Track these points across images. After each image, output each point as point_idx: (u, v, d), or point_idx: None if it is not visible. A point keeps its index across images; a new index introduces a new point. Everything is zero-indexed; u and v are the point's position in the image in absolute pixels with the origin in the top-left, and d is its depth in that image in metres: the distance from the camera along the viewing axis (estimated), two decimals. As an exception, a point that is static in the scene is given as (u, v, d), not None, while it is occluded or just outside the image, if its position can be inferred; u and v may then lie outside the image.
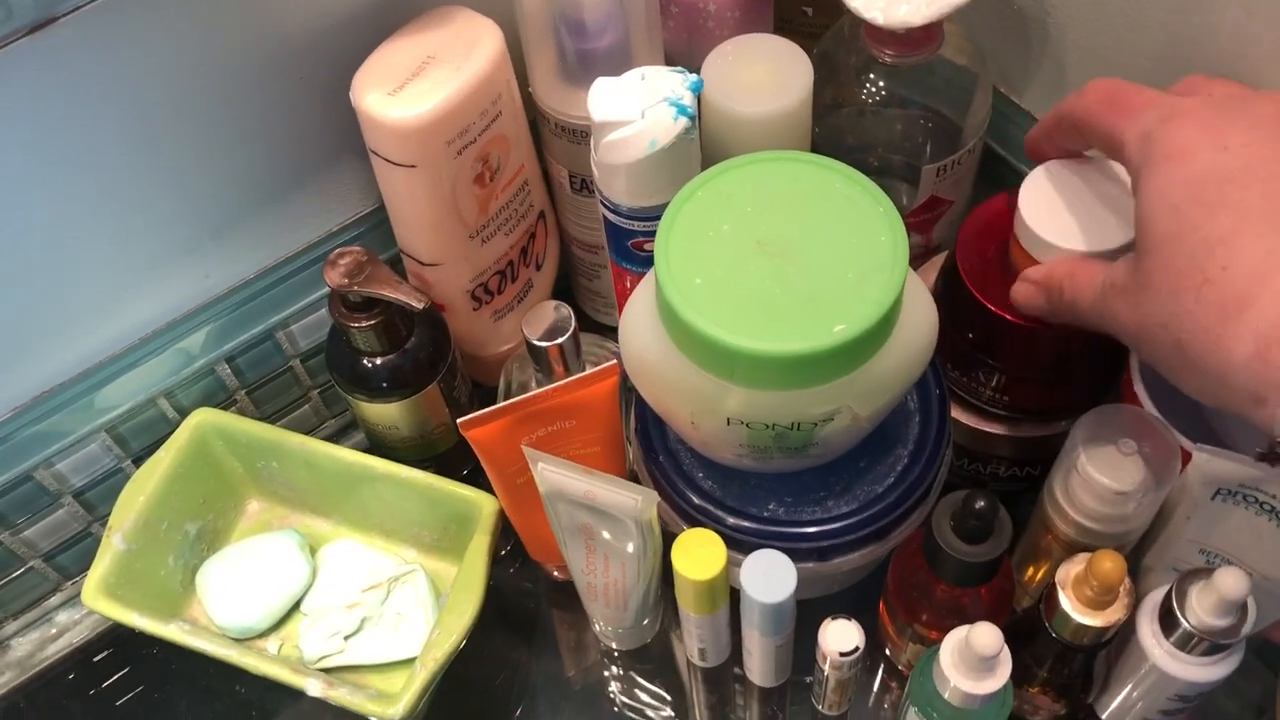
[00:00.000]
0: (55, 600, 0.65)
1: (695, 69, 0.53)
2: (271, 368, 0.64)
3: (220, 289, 0.59)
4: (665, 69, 0.51)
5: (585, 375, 0.50)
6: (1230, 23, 0.51)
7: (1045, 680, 0.52)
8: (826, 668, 0.52)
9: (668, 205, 0.45)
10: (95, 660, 0.63)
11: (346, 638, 0.59)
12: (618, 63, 0.55)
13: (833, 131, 0.59)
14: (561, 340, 0.53)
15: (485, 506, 0.57)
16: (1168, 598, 0.47)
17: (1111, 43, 0.58)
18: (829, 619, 0.50)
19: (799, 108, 0.54)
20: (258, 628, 0.59)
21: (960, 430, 0.57)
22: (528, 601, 0.64)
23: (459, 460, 0.63)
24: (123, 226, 0.54)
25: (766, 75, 0.54)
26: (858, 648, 0.50)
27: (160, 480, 0.59)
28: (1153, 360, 0.41)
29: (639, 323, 0.47)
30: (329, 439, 0.62)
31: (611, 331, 0.66)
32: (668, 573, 0.51)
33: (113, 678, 0.62)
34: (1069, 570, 0.47)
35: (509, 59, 0.55)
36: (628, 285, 0.57)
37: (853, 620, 0.50)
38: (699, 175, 0.46)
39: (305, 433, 0.62)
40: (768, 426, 0.45)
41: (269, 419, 0.65)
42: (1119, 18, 0.56)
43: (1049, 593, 0.48)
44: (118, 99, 0.49)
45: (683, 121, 0.49)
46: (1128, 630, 0.50)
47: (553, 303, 0.54)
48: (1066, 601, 0.47)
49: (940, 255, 0.58)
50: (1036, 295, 0.47)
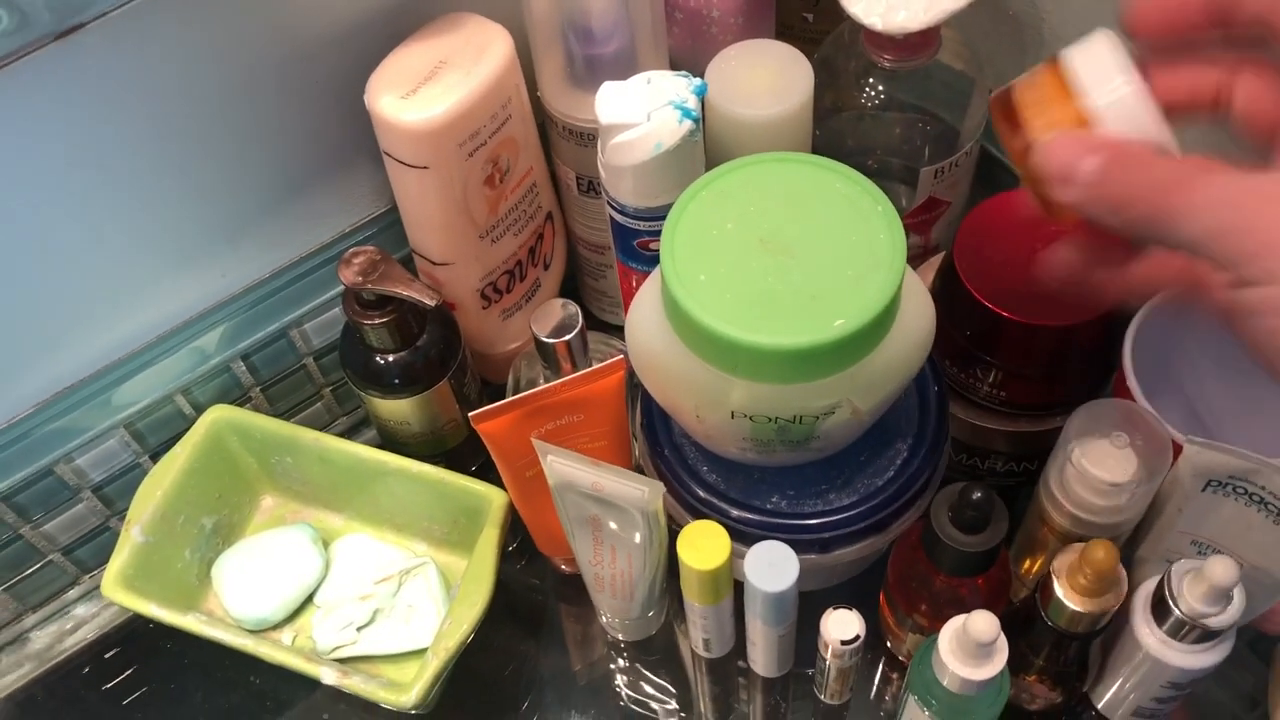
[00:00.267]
0: (73, 594, 0.66)
1: (699, 73, 0.54)
2: (285, 365, 0.65)
3: (236, 288, 0.60)
4: (670, 73, 0.52)
5: (593, 370, 0.51)
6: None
7: (1042, 668, 0.53)
8: (828, 657, 0.53)
9: (673, 205, 0.46)
10: (112, 653, 0.64)
11: (359, 629, 0.60)
12: (624, 67, 0.56)
13: (833, 134, 0.60)
14: (569, 337, 0.54)
15: (495, 500, 0.58)
16: (1160, 587, 0.48)
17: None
18: (830, 609, 0.51)
19: (800, 111, 0.55)
20: (272, 619, 0.61)
21: (958, 426, 0.58)
22: (535, 596, 0.65)
23: (469, 456, 0.64)
24: (142, 227, 0.55)
25: (768, 79, 0.55)
26: (859, 636, 0.51)
27: (177, 475, 0.60)
28: None
29: (645, 319, 0.48)
30: (341, 436, 0.63)
31: (617, 330, 0.67)
32: (673, 567, 0.52)
33: (129, 670, 0.63)
34: (1064, 560, 0.48)
35: (518, 64, 0.56)
36: (633, 284, 0.58)
37: (854, 610, 0.51)
38: (703, 176, 0.47)
39: (318, 429, 0.63)
40: (770, 420, 0.46)
41: (282, 416, 0.66)
42: (1112, 21, 0.57)
43: (1044, 581, 0.49)
44: (138, 103, 0.50)
45: (687, 124, 0.50)
46: (1121, 620, 0.51)
47: (560, 301, 0.55)
48: (1061, 590, 0.48)
49: (938, 255, 0.59)
50: (1099, 178, 0.33)
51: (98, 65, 0.48)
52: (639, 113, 0.50)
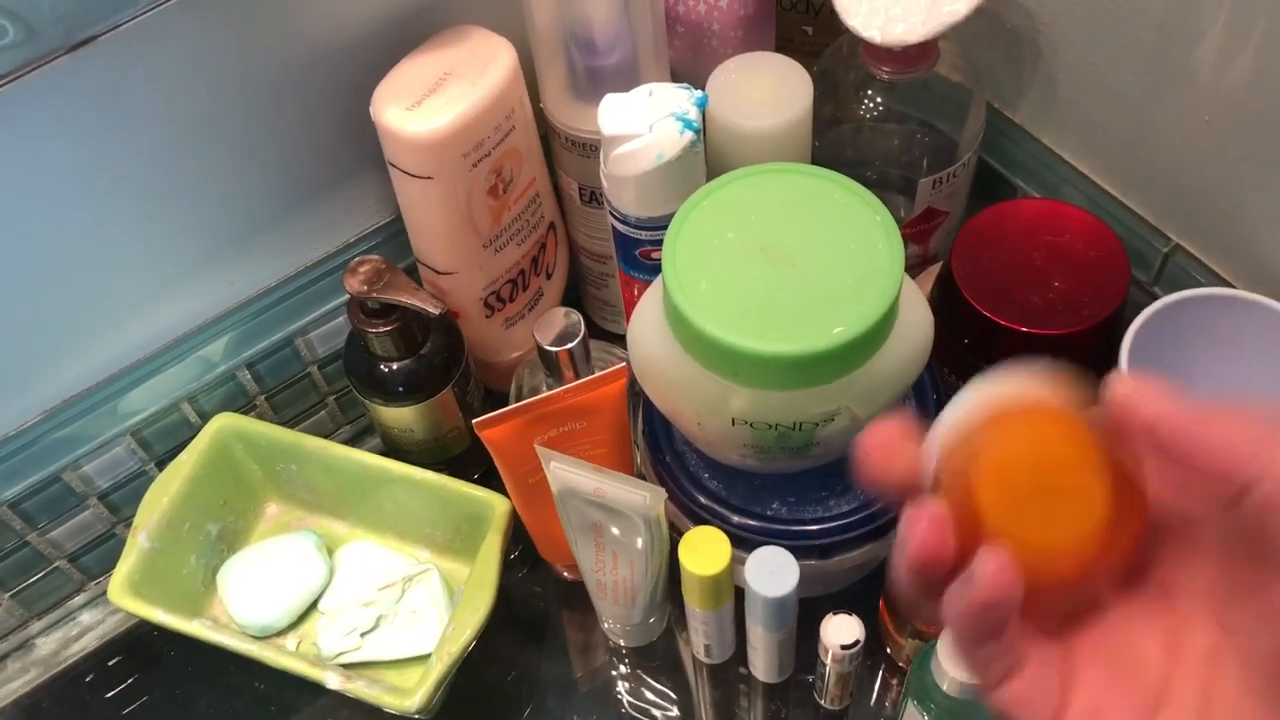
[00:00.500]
0: (79, 600, 0.66)
1: (700, 85, 0.54)
2: (290, 374, 0.65)
3: (242, 297, 0.61)
4: (671, 85, 0.52)
5: (595, 377, 0.52)
6: (1213, 41, 0.52)
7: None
8: (828, 662, 0.53)
9: (674, 215, 0.47)
10: (117, 659, 0.64)
11: (363, 635, 0.60)
12: (626, 79, 0.57)
13: (832, 146, 0.61)
14: (572, 345, 0.55)
15: (497, 507, 0.58)
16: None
17: (1100, 60, 0.59)
18: (830, 614, 0.52)
19: (799, 122, 0.56)
20: (277, 625, 0.61)
21: (957, 433, 0.58)
22: (537, 603, 0.65)
23: (471, 463, 0.65)
24: (149, 236, 0.55)
25: (768, 91, 0.56)
26: (858, 641, 0.51)
27: (183, 482, 0.60)
28: None
29: (647, 326, 0.49)
30: (345, 443, 0.64)
31: (619, 339, 0.68)
32: (674, 573, 0.53)
33: (134, 676, 0.63)
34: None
35: (522, 76, 0.57)
36: (635, 293, 0.59)
37: (853, 615, 0.52)
38: (704, 186, 0.48)
39: (322, 437, 0.63)
40: (771, 426, 0.47)
41: (287, 424, 0.66)
42: (1108, 35, 0.58)
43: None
44: (147, 115, 0.51)
45: (688, 135, 0.51)
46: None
47: (563, 309, 0.55)
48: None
49: (937, 265, 0.60)
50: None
51: (108, 79, 0.48)
52: (641, 124, 0.51)
